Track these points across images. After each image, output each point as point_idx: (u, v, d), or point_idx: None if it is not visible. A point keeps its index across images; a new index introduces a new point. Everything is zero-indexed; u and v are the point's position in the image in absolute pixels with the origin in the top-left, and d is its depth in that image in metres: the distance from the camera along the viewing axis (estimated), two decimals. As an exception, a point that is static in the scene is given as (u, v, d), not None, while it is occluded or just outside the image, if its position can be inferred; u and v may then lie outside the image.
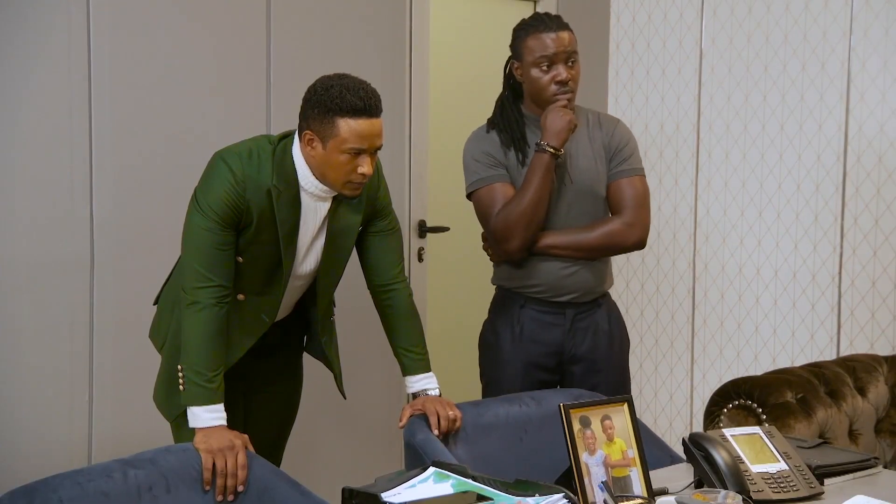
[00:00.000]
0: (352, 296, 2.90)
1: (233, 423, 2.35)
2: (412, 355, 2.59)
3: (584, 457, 2.06)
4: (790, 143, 3.94)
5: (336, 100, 2.28)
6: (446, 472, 2.06)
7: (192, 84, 3.21)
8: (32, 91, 2.89)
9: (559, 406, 2.08)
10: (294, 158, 2.38)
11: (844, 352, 3.81)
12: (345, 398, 2.74)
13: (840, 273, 3.85)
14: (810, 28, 3.88)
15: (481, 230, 2.95)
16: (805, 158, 3.91)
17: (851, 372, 3.13)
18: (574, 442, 2.06)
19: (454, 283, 4.37)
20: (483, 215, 2.85)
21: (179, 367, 2.34)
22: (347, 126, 2.28)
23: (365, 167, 2.32)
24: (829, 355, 3.84)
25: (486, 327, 2.98)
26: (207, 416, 2.27)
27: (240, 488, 2.17)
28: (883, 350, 3.68)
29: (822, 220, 3.87)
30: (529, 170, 2.76)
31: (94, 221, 3.02)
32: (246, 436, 2.28)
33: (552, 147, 2.73)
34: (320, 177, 2.37)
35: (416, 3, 3.87)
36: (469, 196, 2.88)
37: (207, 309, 2.32)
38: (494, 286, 2.98)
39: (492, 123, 2.89)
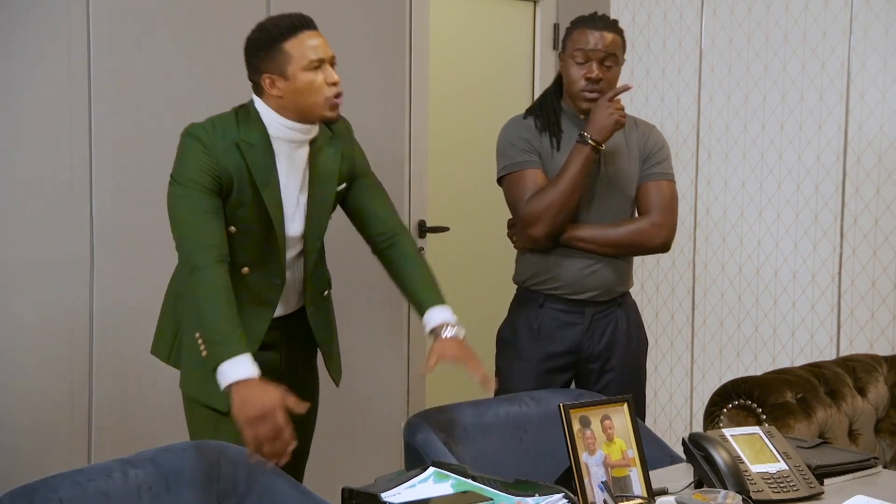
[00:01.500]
0: (351, 292, 2.90)
1: None
2: (426, 291, 2.50)
3: (583, 457, 2.05)
4: (790, 143, 3.94)
5: (272, 31, 2.38)
6: (446, 472, 2.06)
7: (192, 84, 3.21)
8: (32, 91, 2.89)
9: (559, 406, 2.08)
10: (259, 111, 2.42)
11: (844, 352, 3.81)
12: (337, 386, 2.70)
13: (840, 273, 3.85)
14: (810, 28, 3.88)
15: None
16: (805, 158, 3.91)
17: (851, 372, 3.13)
18: (574, 442, 2.05)
19: (454, 283, 4.35)
20: (513, 199, 2.83)
21: (197, 334, 2.30)
22: (295, 45, 2.36)
23: (332, 76, 2.38)
24: (828, 355, 3.84)
25: (504, 325, 2.98)
26: (235, 370, 2.18)
27: (290, 448, 2.14)
28: (883, 350, 3.68)
29: (822, 220, 3.87)
30: (568, 159, 2.75)
31: (94, 221, 3.02)
32: (280, 391, 2.17)
33: (594, 140, 2.72)
34: (297, 112, 2.39)
35: (416, 3, 3.87)
36: (500, 181, 2.87)
37: (209, 268, 2.28)
38: (515, 284, 2.97)
39: (529, 111, 2.91)
